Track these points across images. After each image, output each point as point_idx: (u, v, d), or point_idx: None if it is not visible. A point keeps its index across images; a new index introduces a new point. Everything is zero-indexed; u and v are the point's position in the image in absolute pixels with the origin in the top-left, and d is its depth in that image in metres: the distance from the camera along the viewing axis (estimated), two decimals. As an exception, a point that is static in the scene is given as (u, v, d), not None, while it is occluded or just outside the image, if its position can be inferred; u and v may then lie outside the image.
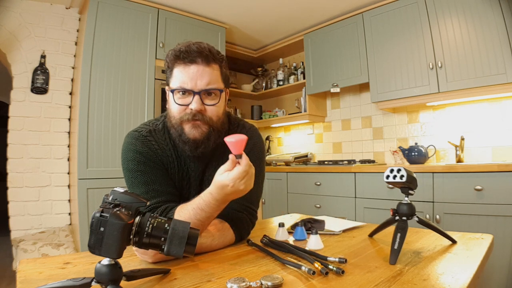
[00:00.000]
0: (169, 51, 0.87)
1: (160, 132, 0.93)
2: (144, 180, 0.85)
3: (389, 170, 0.78)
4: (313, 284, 0.58)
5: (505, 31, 1.94)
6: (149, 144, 0.89)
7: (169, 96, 0.88)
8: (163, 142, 0.92)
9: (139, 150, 0.87)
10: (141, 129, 0.92)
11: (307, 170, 2.71)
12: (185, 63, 0.84)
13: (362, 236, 0.96)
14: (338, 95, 3.21)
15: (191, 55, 0.83)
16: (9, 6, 2.46)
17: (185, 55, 0.83)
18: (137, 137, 0.89)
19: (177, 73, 0.85)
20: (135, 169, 0.86)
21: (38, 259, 0.75)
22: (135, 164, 0.86)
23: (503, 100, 2.19)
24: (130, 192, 0.55)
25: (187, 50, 0.83)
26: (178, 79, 0.84)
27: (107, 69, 2.38)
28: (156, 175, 0.87)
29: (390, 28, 2.51)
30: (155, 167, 0.88)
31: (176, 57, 0.84)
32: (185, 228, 0.57)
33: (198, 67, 0.84)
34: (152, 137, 0.91)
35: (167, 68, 0.89)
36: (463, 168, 1.85)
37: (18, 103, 2.46)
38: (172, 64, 0.86)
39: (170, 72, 0.87)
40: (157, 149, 0.90)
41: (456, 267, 0.66)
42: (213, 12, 2.90)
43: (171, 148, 0.92)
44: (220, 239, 0.85)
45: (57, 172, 2.59)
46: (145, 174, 0.86)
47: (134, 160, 0.86)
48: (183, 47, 0.84)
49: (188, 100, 0.85)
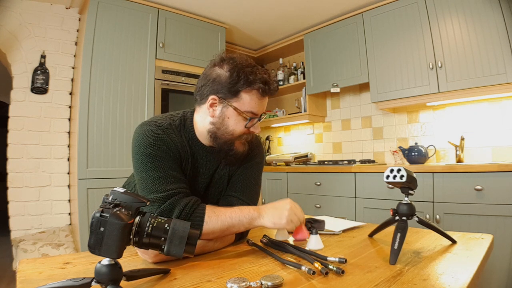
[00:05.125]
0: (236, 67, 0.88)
1: (177, 127, 0.93)
2: (163, 165, 0.84)
3: (389, 170, 0.78)
4: (313, 284, 0.58)
5: (505, 31, 1.94)
6: (170, 136, 0.89)
7: (231, 115, 0.89)
8: (180, 137, 0.92)
9: (160, 137, 0.86)
10: (160, 120, 0.91)
11: (307, 170, 2.71)
12: (262, 95, 0.90)
13: (362, 236, 0.96)
14: (338, 95, 3.21)
15: (271, 92, 0.91)
16: (9, 6, 2.46)
17: (269, 89, 0.89)
18: (158, 126, 0.89)
19: (251, 100, 0.88)
20: (154, 154, 0.84)
21: (38, 259, 0.75)
22: (155, 150, 0.84)
23: (503, 100, 2.19)
24: (130, 192, 0.55)
25: (273, 87, 0.90)
26: (250, 105, 0.89)
27: (107, 69, 2.38)
28: (174, 164, 0.87)
29: (390, 28, 2.51)
30: (174, 157, 0.88)
31: (259, 85, 0.87)
32: (185, 228, 0.57)
33: (267, 99, 0.94)
34: (171, 130, 0.91)
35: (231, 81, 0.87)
36: (463, 168, 1.85)
37: (18, 103, 2.46)
38: (246, 86, 0.87)
39: (237, 91, 0.88)
40: (176, 142, 0.90)
41: (456, 267, 0.66)
42: (213, 12, 2.90)
43: (187, 145, 0.93)
44: (222, 239, 0.87)
45: (57, 172, 2.59)
46: (164, 160, 0.85)
47: (154, 145, 0.85)
48: (266, 79, 0.88)
49: (251, 123, 0.91)
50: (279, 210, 0.85)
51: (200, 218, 0.79)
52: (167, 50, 2.69)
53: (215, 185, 0.99)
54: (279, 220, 0.84)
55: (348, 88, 2.93)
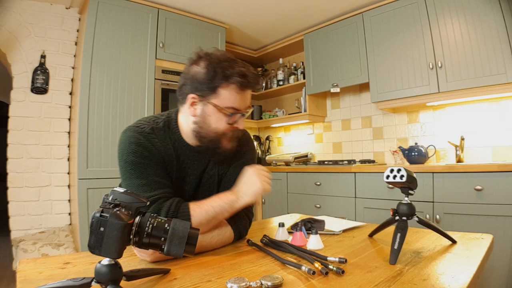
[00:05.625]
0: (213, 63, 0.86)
1: (161, 130, 0.93)
2: (146, 172, 0.84)
3: (389, 170, 0.78)
4: (313, 284, 0.58)
5: (505, 31, 1.94)
6: (152, 141, 0.89)
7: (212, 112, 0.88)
8: (164, 140, 0.92)
9: (142, 143, 0.86)
10: (143, 125, 0.91)
11: (307, 170, 2.71)
12: (243, 88, 0.87)
13: (362, 236, 0.96)
14: (338, 95, 3.21)
15: (250, 85, 0.88)
16: (9, 6, 2.46)
17: (248, 82, 0.87)
18: (140, 132, 0.88)
19: (230, 95, 0.86)
20: (136, 161, 0.84)
21: (38, 259, 0.75)
22: (137, 157, 0.85)
23: (503, 100, 2.19)
24: (130, 192, 0.55)
25: (251, 79, 0.87)
26: (230, 101, 0.87)
27: (107, 69, 2.38)
28: (158, 169, 0.87)
29: (390, 28, 2.51)
30: (157, 162, 0.87)
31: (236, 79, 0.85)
32: (185, 228, 0.57)
33: (248, 92, 0.91)
34: (154, 135, 0.90)
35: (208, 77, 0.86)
36: (463, 168, 1.85)
37: (18, 103, 2.46)
38: (224, 81, 0.85)
39: (214, 87, 0.86)
40: (159, 146, 0.89)
41: (456, 267, 0.66)
42: (213, 12, 2.90)
43: (171, 147, 0.92)
44: (219, 237, 0.87)
45: (57, 172, 2.59)
46: (147, 167, 0.85)
47: (136, 152, 0.85)
48: (244, 72, 0.86)
49: (234, 119, 0.89)
50: (249, 181, 0.88)
51: (186, 214, 0.80)
52: (167, 50, 2.69)
53: (205, 185, 0.98)
54: (254, 188, 0.87)
55: (348, 88, 2.93)
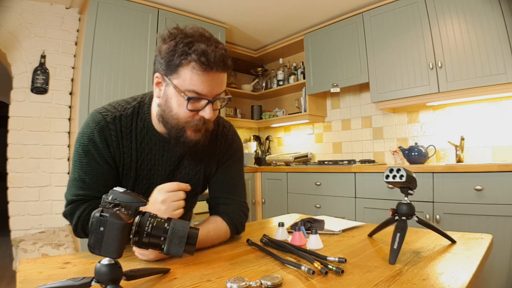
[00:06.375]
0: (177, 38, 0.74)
1: (128, 117, 0.87)
2: (84, 169, 0.83)
3: (389, 170, 0.78)
4: (313, 284, 0.59)
5: (505, 31, 1.94)
6: (107, 135, 0.84)
7: (173, 95, 0.78)
8: (125, 130, 0.86)
9: (93, 139, 0.83)
10: (107, 112, 0.85)
11: (307, 170, 2.71)
12: (205, 69, 0.74)
13: (361, 236, 0.96)
14: (338, 95, 3.21)
15: (216, 64, 0.74)
16: (9, 6, 2.46)
17: (208, 61, 0.73)
18: (98, 122, 0.83)
19: (191, 76, 0.74)
20: (81, 154, 0.83)
21: (38, 259, 0.75)
22: (83, 150, 0.83)
23: (503, 100, 2.19)
24: (130, 192, 0.55)
25: (213, 58, 0.73)
26: (191, 83, 0.74)
27: (107, 69, 2.38)
28: (99, 169, 0.84)
29: (390, 28, 2.51)
30: (99, 163, 0.84)
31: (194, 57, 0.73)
32: (185, 227, 0.57)
33: (217, 74, 0.76)
34: (114, 125, 0.85)
35: (169, 53, 0.75)
36: (463, 168, 1.85)
37: (18, 103, 2.46)
38: (184, 59, 0.73)
39: (175, 65, 0.75)
40: (113, 141, 0.85)
41: (455, 267, 0.66)
42: (213, 12, 2.90)
43: (133, 138, 0.87)
44: (215, 231, 0.85)
45: (57, 172, 2.59)
46: (89, 164, 0.83)
47: (85, 146, 0.83)
48: (205, 50, 0.72)
49: (197, 106, 0.78)
50: (156, 208, 0.73)
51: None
52: (167, 50, 2.68)
53: (180, 178, 0.93)
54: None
55: (348, 88, 2.93)
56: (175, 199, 0.75)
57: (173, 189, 0.76)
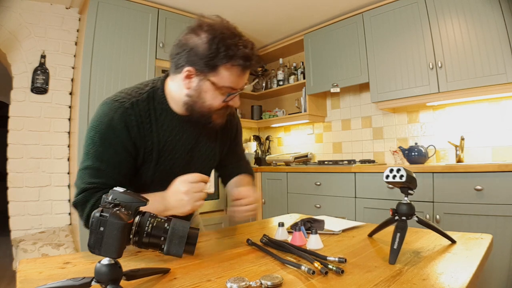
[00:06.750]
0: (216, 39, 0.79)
1: (144, 102, 0.88)
2: (99, 157, 0.82)
3: (389, 170, 0.78)
4: (313, 284, 0.59)
5: (505, 31, 1.94)
6: (128, 120, 0.84)
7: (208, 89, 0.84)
8: (144, 114, 0.87)
9: (113, 126, 0.82)
10: (123, 99, 0.86)
11: (307, 170, 2.71)
12: (243, 69, 0.83)
13: (361, 236, 0.96)
14: (338, 95, 3.21)
15: (253, 65, 0.84)
16: (9, 6, 2.46)
17: (249, 64, 0.82)
18: (117, 109, 0.83)
19: (230, 75, 0.82)
20: (97, 142, 0.82)
21: (38, 259, 0.75)
22: (100, 138, 0.82)
23: (503, 100, 2.19)
24: (129, 192, 0.55)
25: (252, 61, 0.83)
26: (229, 81, 0.83)
27: (107, 69, 2.38)
28: (115, 157, 0.83)
29: (390, 28, 2.51)
30: (117, 151, 0.83)
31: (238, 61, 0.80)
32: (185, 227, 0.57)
33: (248, 72, 0.87)
34: (133, 110, 0.85)
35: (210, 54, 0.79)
36: (463, 168, 1.85)
37: (18, 103, 2.46)
38: (226, 61, 0.80)
39: (215, 65, 0.80)
40: (133, 126, 0.85)
41: (455, 267, 0.66)
42: (213, 12, 2.88)
43: (153, 121, 0.89)
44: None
45: (57, 172, 2.59)
46: (105, 152, 0.82)
47: (102, 134, 0.82)
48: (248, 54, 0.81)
49: (230, 97, 0.87)
50: (178, 197, 0.79)
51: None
52: (167, 50, 2.69)
53: (199, 160, 0.99)
54: (183, 208, 0.80)
55: (348, 88, 2.93)
56: (197, 190, 0.80)
57: (195, 180, 0.81)
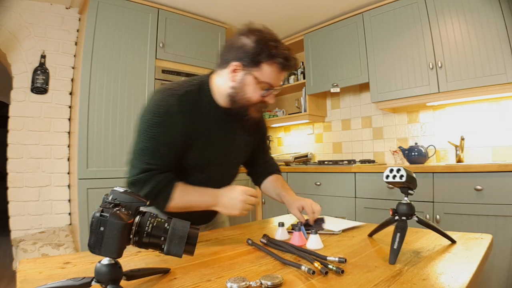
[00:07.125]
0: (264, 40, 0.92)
1: (194, 93, 0.97)
2: (156, 138, 0.89)
3: (389, 170, 0.78)
4: (313, 284, 0.59)
5: (505, 31, 1.94)
6: (183, 106, 0.92)
7: (250, 83, 0.94)
8: (195, 103, 0.96)
9: (169, 111, 0.90)
10: (177, 88, 0.95)
11: (307, 170, 2.71)
12: (281, 69, 0.95)
13: (361, 236, 0.96)
14: (338, 95, 3.21)
15: (290, 68, 0.98)
16: (9, 6, 2.46)
17: (288, 65, 0.95)
18: (172, 95, 0.92)
19: (271, 72, 0.93)
20: (154, 123, 0.89)
21: (38, 259, 0.75)
22: (158, 122, 0.89)
23: (503, 100, 2.19)
24: (130, 192, 0.55)
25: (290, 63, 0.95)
26: (269, 77, 0.94)
27: (107, 69, 2.38)
28: (170, 141, 0.91)
29: (390, 28, 2.51)
30: (174, 134, 0.91)
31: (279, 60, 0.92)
32: (185, 227, 0.57)
33: (284, 73, 1.00)
34: (186, 98, 0.94)
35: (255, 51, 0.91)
36: (463, 168, 1.85)
37: (18, 103, 2.46)
38: (269, 59, 0.92)
39: (259, 61, 0.92)
40: (187, 111, 0.93)
41: (455, 267, 0.66)
42: (213, 12, 2.90)
43: (202, 110, 0.97)
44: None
45: (57, 172, 2.59)
46: (161, 134, 0.89)
47: (160, 117, 0.89)
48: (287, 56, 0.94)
49: (267, 93, 0.97)
50: (233, 201, 0.93)
51: (167, 194, 0.90)
52: (167, 50, 2.69)
53: (236, 150, 1.09)
54: (232, 210, 0.93)
55: (348, 88, 2.93)
56: (251, 202, 0.94)
57: (253, 194, 0.94)
